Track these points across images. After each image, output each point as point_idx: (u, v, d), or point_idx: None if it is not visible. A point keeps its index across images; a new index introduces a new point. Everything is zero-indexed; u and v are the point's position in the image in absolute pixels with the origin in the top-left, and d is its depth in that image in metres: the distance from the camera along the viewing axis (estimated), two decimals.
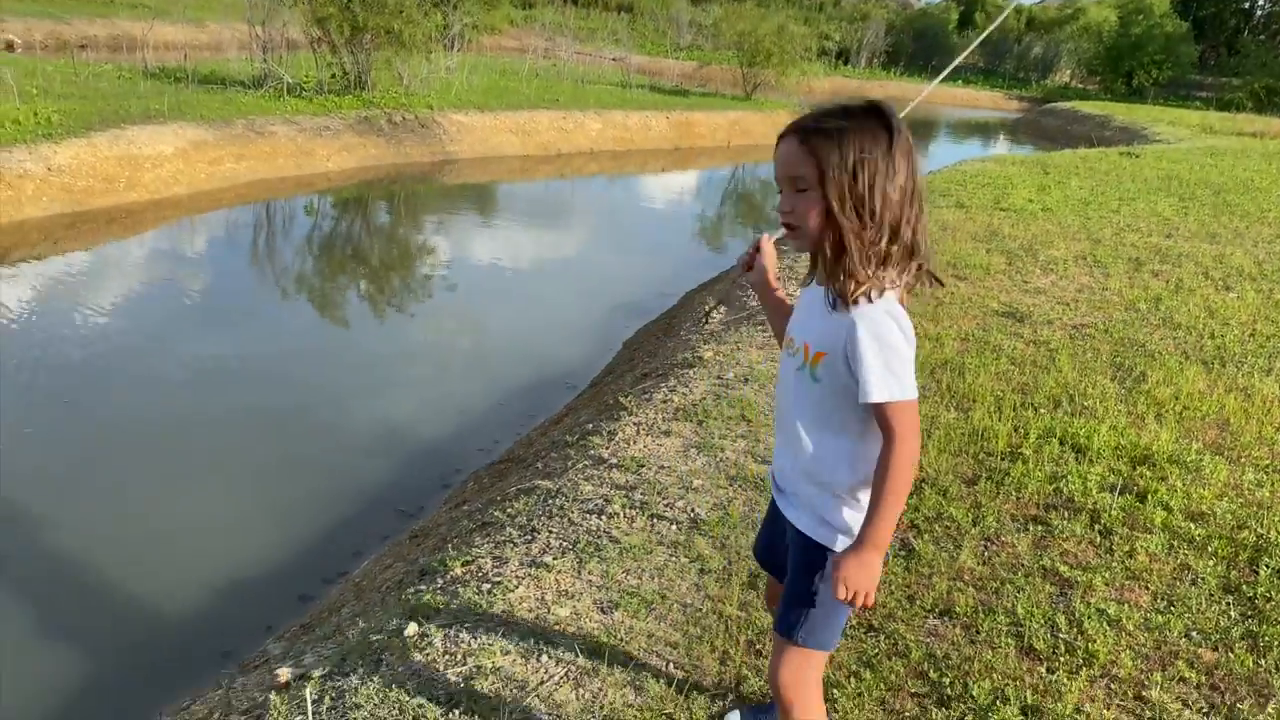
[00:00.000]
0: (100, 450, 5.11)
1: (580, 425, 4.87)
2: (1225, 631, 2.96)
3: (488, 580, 3.17)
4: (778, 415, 1.99)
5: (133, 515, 4.53)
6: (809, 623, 1.92)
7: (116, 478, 4.84)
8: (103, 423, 5.45)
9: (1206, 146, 19.64)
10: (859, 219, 1.68)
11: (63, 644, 3.67)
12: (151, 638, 3.73)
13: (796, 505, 1.94)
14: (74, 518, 4.43)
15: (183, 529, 4.46)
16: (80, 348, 6.54)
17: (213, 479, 4.93)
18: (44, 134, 10.44)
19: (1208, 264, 8.09)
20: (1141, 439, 4.29)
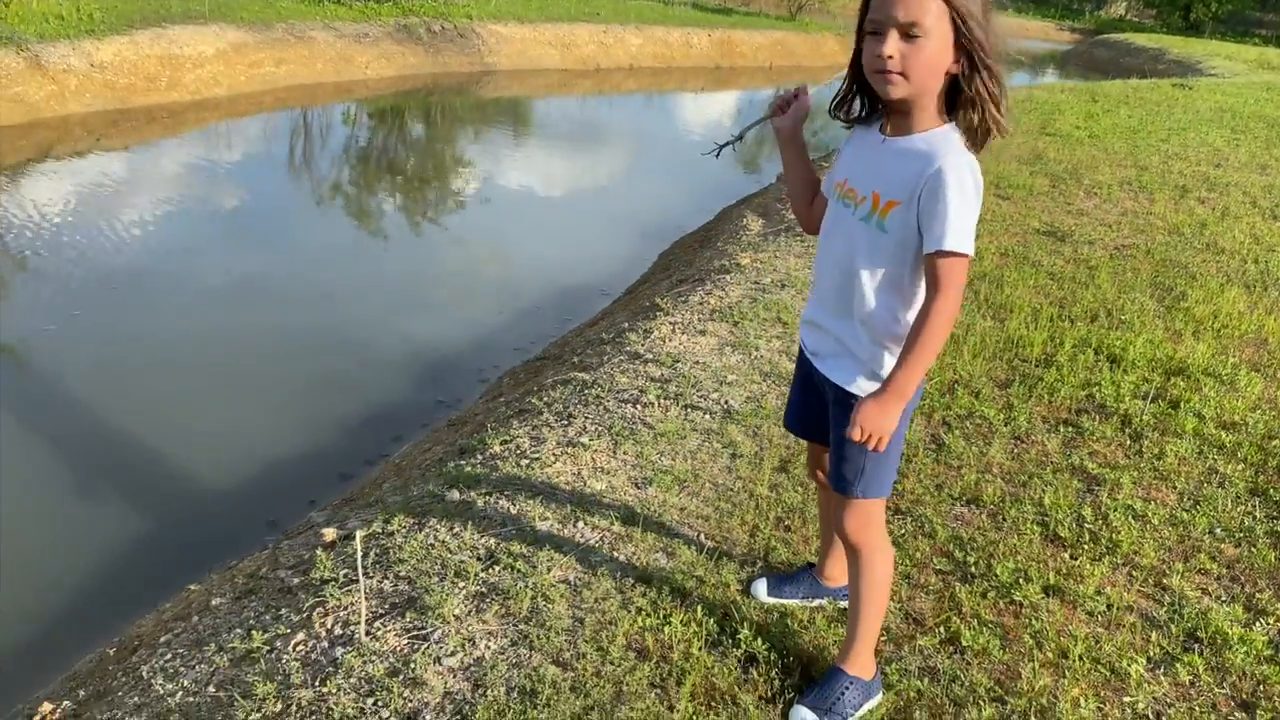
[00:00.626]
0: (153, 342, 5.25)
1: (616, 325, 4.93)
2: (1249, 530, 3.01)
3: (526, 457, 3.27)
4: (824, 272, 1.99)
5: (182, 401, 4.67)
6: (864, 476, 1.99)
7: (168, 368, 4.98)
8: (152, 316, 5.58)
9: (1264, 82, 19.07)
10: (988, 67, 1.70)
11: (117, 513, 3.82)
12: (201, 509, 3.88)
13: (840, 365, 1.97)
14: (127, 404, 4.58)
15: (231, 416, 4.59)
16: (135, 243, 6.66)
17: (261, 371, 5.06)
18: (86, 30, 10.46)
19: (1256, 193, 7.95)
20: (1177, 352, 4.29)
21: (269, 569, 3.03)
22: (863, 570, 2.10)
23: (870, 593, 2.11)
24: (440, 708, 2.13)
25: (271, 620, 2.59)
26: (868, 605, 2.12)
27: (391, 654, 2.31)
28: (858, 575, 2.11)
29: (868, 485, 1.99)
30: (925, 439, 3.45)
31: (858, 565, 2.10)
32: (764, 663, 2.27)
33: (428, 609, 2.44)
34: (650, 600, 2.47)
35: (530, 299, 6.32)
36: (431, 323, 5.84)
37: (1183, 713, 2.24)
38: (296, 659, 2.35)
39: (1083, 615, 2.54)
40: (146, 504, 3.87)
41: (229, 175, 8.81)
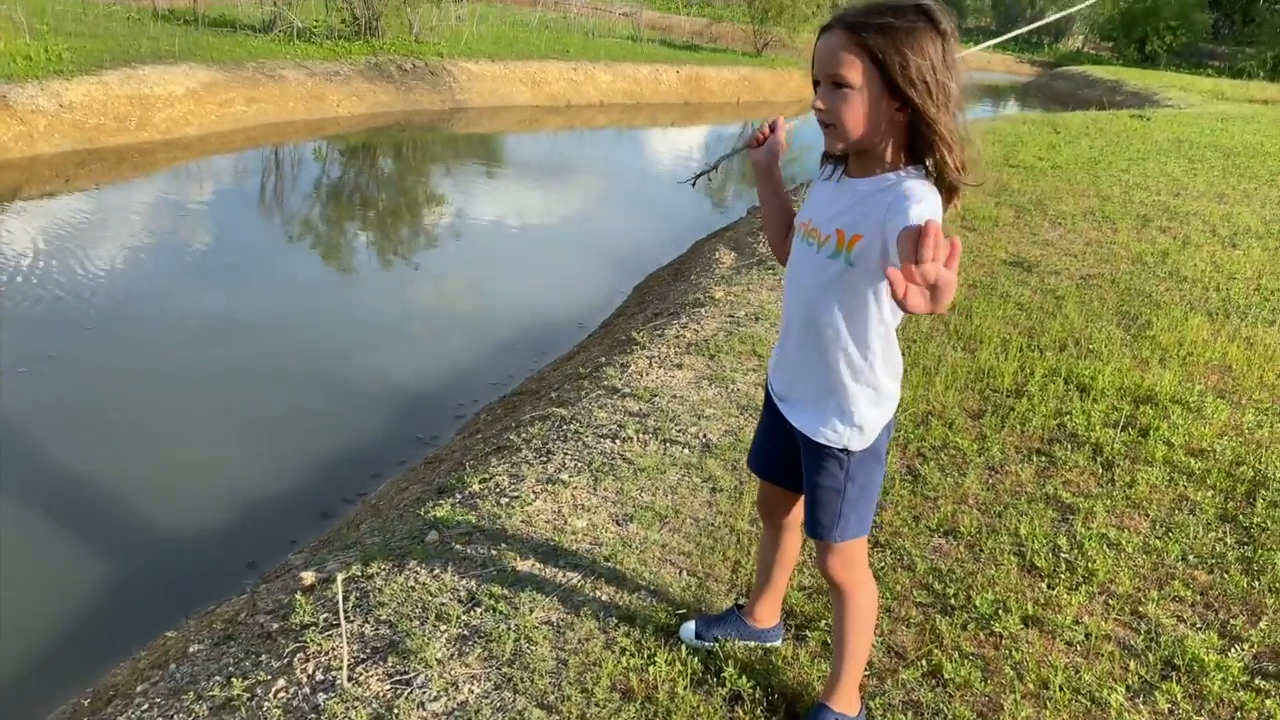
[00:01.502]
0: (128, 381, 5.20)
1: (593, 359, 4.95)
2: (1221, 556, 3.05)
3: (505, 495, 3.26)
4: (792, 312, 1.99)
5: (159, 441, 4.63)
6: (842, 520, 2.00)
7: (144, 407, 4.94)
8: (126, 355, 5.53)
9: (1217, 112, 19.54)
10: (934, 103, 1.69)
11: (92, 557, 3.77)
12: (179, 552, 3.84)
13: (810, 411, 1.99)
14: (103, 445, 4.53)
15: (207, 455, 4.55)
16: (103, 283, 6.61)
17: (236, 409, 5.02)
18: (55, 70, 10.44)
19: (1215, 222, 8.12)
20: (1145, 380, 4.37)
21: (248, 614, 3.00)
22: (847, 608, 2.10)
23: (855, 629, 2.12)
24: None
25: (251, 667, 2.57)
26: (853, 642, 2.13)
27: (374, 699, 2.29)
28: (842, 612, 2.12)
29: (845, 528, 2.01)
30: (901, 470, 3.48)
31: (842, 603, 2.11)
32: (749, 700, 2.28)
33: (410, 653, 2.43)
34: (634, 640, 2.47)
35: (506, 333, 6.33)
36: (408, 359, 5.83)
37: None
38: (278, 706, 2.33)
39: (1062, 645, 2.57)
40: (122, 548, 3.83)
41: (201, 214, 8.77)
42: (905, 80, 1.68)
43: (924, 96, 1.68)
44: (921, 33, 1.68)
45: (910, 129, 1.75)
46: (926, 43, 1.68)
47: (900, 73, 1.67)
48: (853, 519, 2.00)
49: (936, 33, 1.69)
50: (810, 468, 2.02)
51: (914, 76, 1.67)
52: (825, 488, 1.99)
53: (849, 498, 1.98)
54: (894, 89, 1.69)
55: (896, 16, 1.68)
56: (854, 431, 1.93)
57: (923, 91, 1.68)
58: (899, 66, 1.67)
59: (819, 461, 1.99)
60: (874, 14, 1.69)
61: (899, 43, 1.67)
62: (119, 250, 7.29)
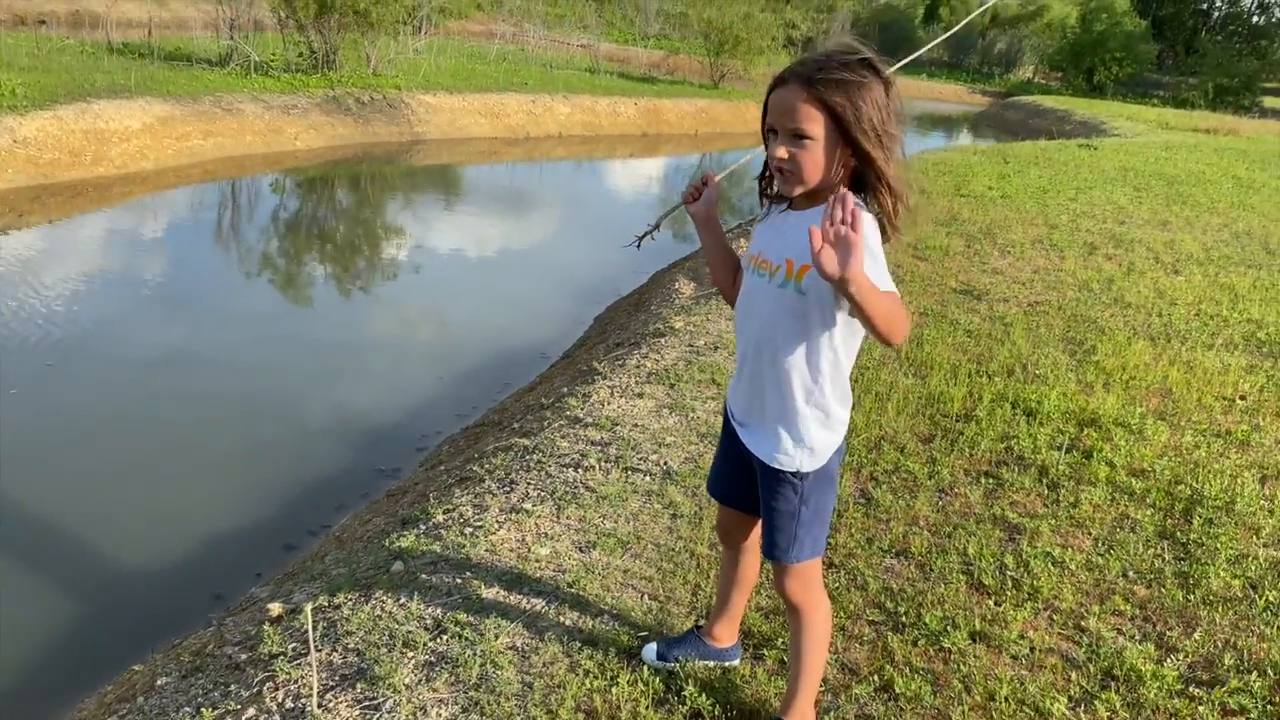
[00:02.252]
0: (88, 416, 5.19)
1: (555, 390, 5.03)
2: (1159, 571, 3.19)
3: (469, 525, 3.33)
4: (746, 342, 2.10)
5: (119, 476, 4.63)
6: (798, 542, 2.10)
7: (104, 442, 4.94)
8: (87, 390, 5.52)
9: (1163, 141, 20.12)
10: (884, 151, 1.83)
11: (56, 594, 3.77)
12: (143, 586, 3.85)
13: (765, 437, 2.09)
14: (61, 480, 4.53)
15: (168, 489, 4.57)
16: (60, 319, 6.58)
17: (197, 443, 5.03)
18: (9, 106, 10.38)
19: (1158, 249, 8.39)
20: (1089, 404, 4.53)
21: (215, 646, 3.03)
22: (804, 627, 2.19)
23: (810, 647, 2.21)
24: None
25: (220, 697, 2.60)
26: (808, 660, 2.22)
27: None
28: (799, 631, 2.20)
29: (801, 550, 2.10)
30: (855, 494, 3.59)
31: (799, 622, 2.20)
32: (709, 717, 2.35)
33: (378, 679, 2.48)
34: (598, 662, 2.54)
35: (468, 365, 6.39)
36: (369, 391, 5.87)
37: None
38: None
39: (1007, 659, 2.68)
40: (84, 583, 3.83)
41: (158, 249, 8.76)
42: (860, 131, 1.82)
43: (875, 146, 1.83)
44: (871, 85, 1.82)
45: (858, 169, 1.88)
46: (876, 94, 1.82)
47: (855, 125, 1.81)
48: (807, 541, 2.10)
49: (882, 84, 1.82)
50: (766, 493, 2.12)
51: (867, 128, 1.82)
52: (781, 511, 2.09)
53: (803, 520, 2.07)
54: (849, 139, 1.83)
55: (849, 71, 1.82)
56: (805, 453, 2.03)
57: (874, 142, 1.83)
58: (854, 119, 1.81)
59: (774, 487, 2.09)
60: (829, 68, 1.82)
61: (853, 97, 1.81)
62: (76, 286, 7.27)
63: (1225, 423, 4.51)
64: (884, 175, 1.85)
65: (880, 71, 1.85)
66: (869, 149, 1.83)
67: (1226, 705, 2.55)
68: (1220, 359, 5.38)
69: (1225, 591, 3.09)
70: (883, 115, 1.82)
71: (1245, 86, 40.31)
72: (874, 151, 1.83)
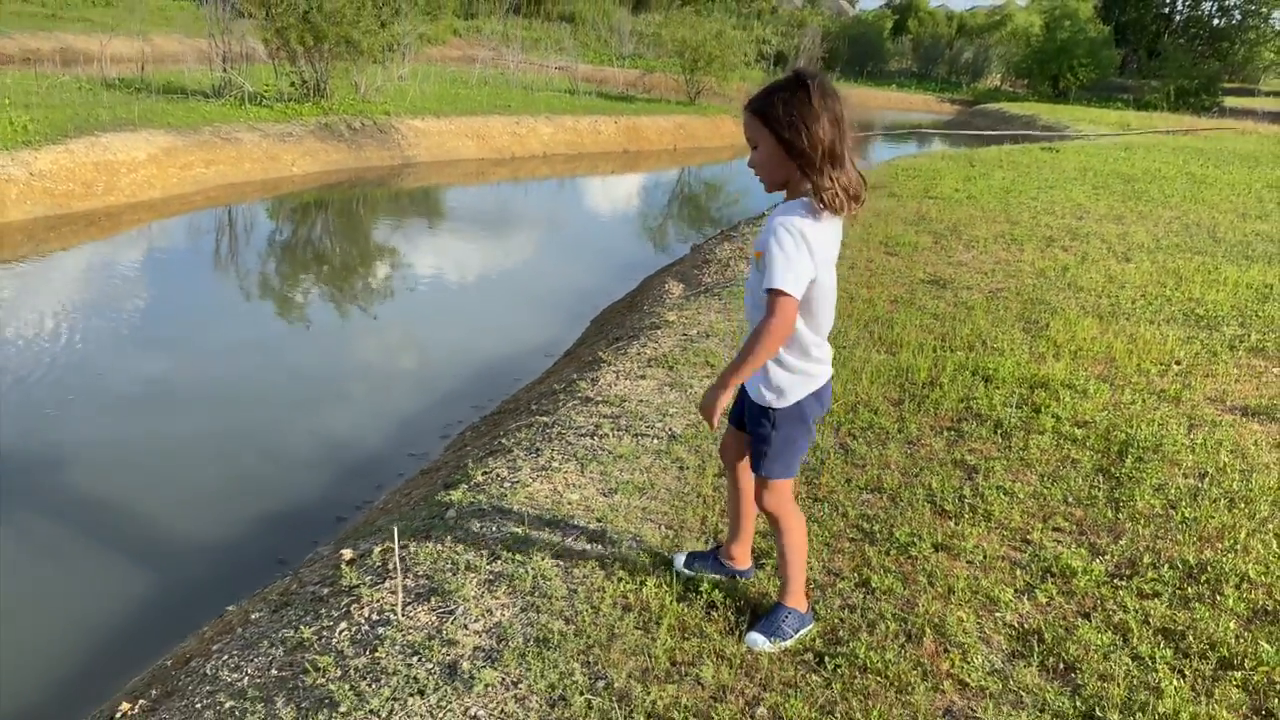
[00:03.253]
0: (158, 415, 5.73)
1: (565, 377, 5.59)
2: (1094, 498, 3.77)
3: (507, 481, 3.88)
4: (745, 313, 2.73)
5: (186, 464, 5.16)
6: (768, 461, 2.67)
7: (171, 438, 5.47)
8: (156, 394, 6.04)
9: (1122, 142, 20.89)
10: (807, 148, 2.40)
11: (147, 561, 4.30)
12: (219, 553, 4.39)
13: (750, 380, 2.67)
14: (138, 471, 5.06)
15: (232, 473, 5.10)
16: (109, 332, 7.10)
17: (253, 436, 5.58)
18: (23, 141, 10.88)
19: (1112, 240, 9.03)
20: (1040, 370, 5.12)
21: (297, 586, 3.56)
22: (782, 532, 2.77)
23: (791, 545, 2.78)
24: (474, 656, 2.71)
25: (313, 619, 3.14)
26: (791, 555, 2.79)
27: (426, 626, 2.89)
28: (780, 537, 2.78)
29: (773, 468, 2.67)
30: (835, 446, 4.17)
31: (778, 529, 2.77)
32: (722, 606, 2.91)
33: (449, 593, 3.03)
34: (628, 571, 3.10)
35: (482, 364, 6.94)
36: (395, 389, 6.43)
37: (1039, 623, 2.93)
38: (346, 639, 2.91)
39: (964, 563, 3.25)
40: (168, 552, 4.35)
41: (184, 268, 9.28)
42: (782, 127, 2.40)
43: (799, 140, 2.40)
44: (795, 96, 2.39)
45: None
46: (798, 102, 2.39)
47: (779, 124, 2.41)
48: (778, 463, 2.68)
49: (806, 92, 2.39)
50: (751, 422, 2.71)
51: (785, 123, 2.40)
52: (760, 436, 2.67)
53: (774, 445, 2.65)
54: (782, 140, 2.42)
55: (778, 90, 2.43)
56: (774, 393, 2.62)
57: (794, 131, 2.39)
58: (778, 119, 2.41)
59: (757, 417, 2.68)
60: (765, 93, 2.46)
61: (776, 105, 2.41)
62: (115, 302, 7.78)
63: (1160, 384, 5.11)
64: (802, 161, 2.42)
65: (805, 83, 2.40)
66: (789, 137, 2.40)
67: (1143, 590, 3.13)
68: (1160, 331, 5.99)
69: (1148, 510, 3.67)
70: (804, 116, 2.37)
71: (1205, 88, 41.39)
72: (794, 140, 2.39)
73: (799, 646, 2.76)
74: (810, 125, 2.38)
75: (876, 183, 12.47)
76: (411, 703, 2.53)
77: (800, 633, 2.80)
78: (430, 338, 7.84)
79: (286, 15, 15.46)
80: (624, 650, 2.71)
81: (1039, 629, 2.89)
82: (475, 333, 7.93)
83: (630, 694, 2.53)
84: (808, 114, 2.38)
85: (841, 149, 2.43)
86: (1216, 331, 6.09)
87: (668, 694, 2.53)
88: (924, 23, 64.23)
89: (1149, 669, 2.72)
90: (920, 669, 2.67)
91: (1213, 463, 4.11)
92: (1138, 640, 2.84)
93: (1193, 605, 3.04)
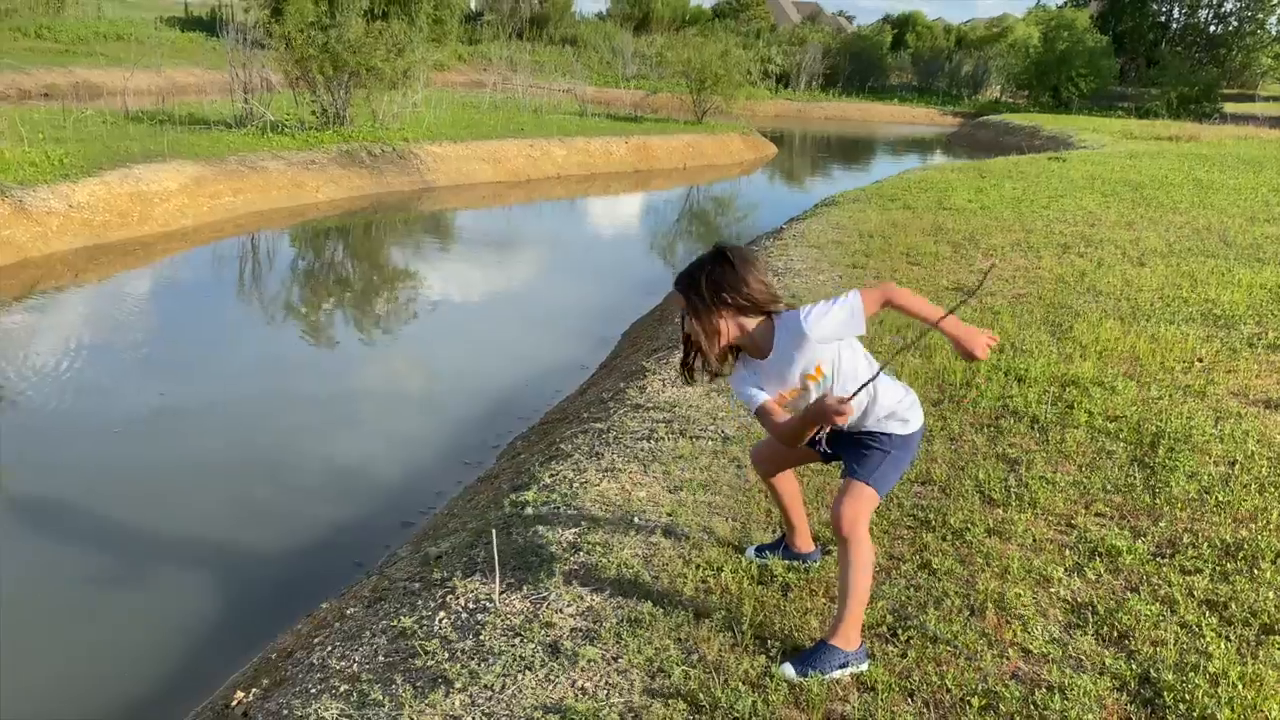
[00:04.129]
0: (217, 435, 5.98)
1: (611, 386, 5.83)
2: (1131, 485, 3.99)
3: (574, 483, 4.11)
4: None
5: (256, 478, 5.41)
6: (871, 466, 2.76)
7: (243, 455, 5.73)
8: (215, 413, 6.30)
9: (1127, 150, 21.17)
10: (734, 309, 2.67)
11: (227, 567, 4.53)
12: (298, 559, 4.62)
13: None
14: (218, 485, 5.31)
15: (303, 486, 5.34)
16: (166, 357, 7.37)
17: (319, 453, 5.83)
18: (61, 174, 11.19)
19: (1125, 246, 9.27)
20: (1070, 370, 5.35)
21: (387, 583, 3.80)
22: (850, 562, 2.69)
23: (854, 580, 2.70)
24: (573, 636, 2.94)
25: (409, 610, 3.37)
26: (854, 589, 2.70)
27: (523, 612, 3.12)
28: (846, 566, 2.70)
29: (872, 476, 2.75)
30: None
31: (847, 556, 2.69)
32: (796, 588, 3.14)
33: (538, 581, 3.26)
34: (705, 559, 3.33)
35: (523, 378, 7.18)
36: (446, 403, 6.69)
37: (1091, 596, 3.16)
38: (447, 625, 3.14)
39: (1015, 545, 3.47)
40: (253, 560, 4.59)
41: (231, 298, 9.56)
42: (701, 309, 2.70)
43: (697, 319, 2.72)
44: (719, 268, 2.67)
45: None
46: (721, 274, 2.67)
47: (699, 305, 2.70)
48: (877, 474, 2.77)
49: (728, 263, 2.67)
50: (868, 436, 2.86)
51: (703, 306, 2.69)
52: (871, 447, 2.82)
53: (887, 461, 2.81)
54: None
55: (696, 268, 2.72)
56: (899, 424, 2.87)
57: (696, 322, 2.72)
58: (692, 305, 2.71)
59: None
60: (687, 276, 2.73)
61: (691, 286, 2.70)
62: (175, 328, 8.05)
63: (1185, 379, 5.33)
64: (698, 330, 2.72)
65: (722, 256, 2.68)
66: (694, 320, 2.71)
67: (1185, 567, 3.35)
68: (1180, 331, 6.22)
69: (1184, 495, 3.89)
70: (725, 284, 2.65)
71: (1205, 95, 41.74)
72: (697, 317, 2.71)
73: (872, 620, 2.98)
74: (737, 285, 2.67)
75: (891, 194, 12.75)
76: (522, 678, 2.76)
77: (844, 670, 2.72)
78: (470, 354, 8.09)
79: (307, 45, 15.82)
80: (712, 628, 2.93)
81: (1091, 602, 3.11)
82: (510, 348, 8.18)
83: (724, 664, 2.76)
84: (727, 281, 2.65)
85: (768, 291, 2.72)
86: (1234, 330, 6.32)
87: (759, 664, 2.76)
88: (923, 36, 64.69)
89: (1197, 635, 2.94)
90: (986, 638, 2.90)
91: (1241, 451, 4.33)
92: (1184, 610, 3.06)
93: (1232, 579, 3.26)
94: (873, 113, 44.86)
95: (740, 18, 60.67)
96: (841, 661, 2.73)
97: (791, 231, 10.58)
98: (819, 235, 9.87)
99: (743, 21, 58.70)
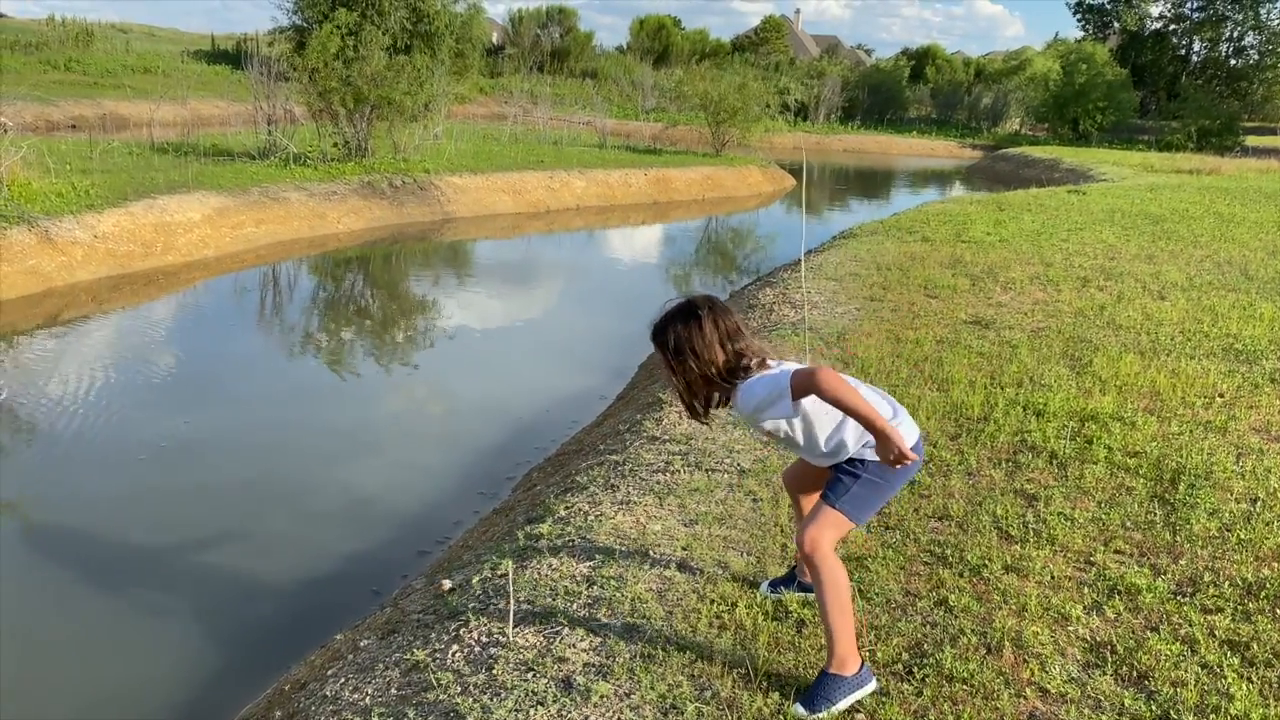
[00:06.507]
0: (234, 465, 6.01)
1: (628, 419, 5.83)
2: (1151, 522, 3.95)
3: (589, 515, 4.11)
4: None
5: (276, 503, 5.43)
6: (842, 491, 2.76)
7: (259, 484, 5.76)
8: (233, 443, 6.34)
9: (1147, 183, 21.12)
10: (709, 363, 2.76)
11: (238, 597, 4.54)
12: (314, 587, 4.63)
13: None
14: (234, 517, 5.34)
15: (311, 513, 5.36)
16: (197, 377, 7.43)
17: (338, 481, 5.85)
18: (86, 204, 11.35)
19: (1145, 279, 9.23)
20: (1089, 404, 5.31)
21: (401, 615, 3.79)
22: (822, 584, 2.70)
23: (831, 602, 2.68)
24: (585, 671, 2.93)
25: (423, 644, 3.36)
26: (833, 613, 2.69)
27: (536, 646, 3.11)
28: (820, 589, 2.70)
29: (841, 501, 2.74)
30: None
31: (818, 579, 2.70)
32: (811, 624, 3.12)
33: (552, 615, 3.25)
34: (720, 594, 3.31)
35: (540, 409, 7.19)
36: (460, 434, 6.70)
37: (1110, 635, 3.12)
38: (460, 658, 3.14)
39: (1034, 582, 3.44)
40: (269, 588, 4.60)
41: (254, 328, 9.64)
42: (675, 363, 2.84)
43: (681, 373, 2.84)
44: (688, 329, 2.78)
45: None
46: (689, 338, 2.78)
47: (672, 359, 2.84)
48: (850, 500, 2.77)
49: (697, 325, 2.77)
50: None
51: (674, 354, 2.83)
52: (847, 471, 2.81)
53: (857, 486, 2.78)
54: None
55: (666, 321, 2.87)
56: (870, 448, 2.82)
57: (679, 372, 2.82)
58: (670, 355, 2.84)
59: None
60: (659, 329, 2.88)
61: (666, 339, 2.86)
62: (194, 356, 8.13)
63: (1205, 415, 5.29)
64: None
65: (694, 311, 2.80)
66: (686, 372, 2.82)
67: (1206, 606, 3.31)
68: (1201, 366, 6.18)
69: (1204, 533, 3.85)
70: (698, 342, 2.77)
71: (1227, 128, 41.65)
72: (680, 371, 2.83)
73: (887, 658, 2.95)
74: (700, 344, 2.80)
75: (909, 227, 12.75)
76: (534, 713, 2.75)
77: (850, 698, 2.71)
78: (488, 384, 8.11)
79: (330, 79, 16.03)
80: (725, 664, 2.91)
81: (1110, 641, 3.07)
82: (528, 379, 8.20)
83: (737, 701, 2.74)
84: (699, 334, 2.79)
85: (745, 344, 2.82)
86: (1256, 365, 6.27)
87: (772, 701, 2.73)
88: (941, 70, 65.04)
89: (1218, 676, 2.89)
90: (1003, 677, 2.86)
91: (1263, 488, 4.28)
92: (1205, 650, 3.02)
93: (1255, 619, 3.22)
94: (891, 145, 44.96)
95: (759, 51, 61.12)
96: (847, 689, 2.71)
97: (809, 264, 10.59)
98: (836, 268, 9.87)
99: (762, 55, 59.15)
